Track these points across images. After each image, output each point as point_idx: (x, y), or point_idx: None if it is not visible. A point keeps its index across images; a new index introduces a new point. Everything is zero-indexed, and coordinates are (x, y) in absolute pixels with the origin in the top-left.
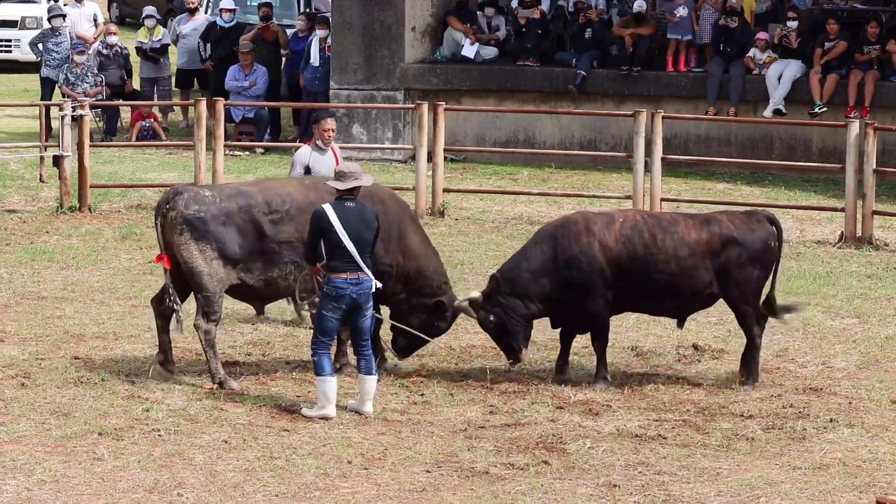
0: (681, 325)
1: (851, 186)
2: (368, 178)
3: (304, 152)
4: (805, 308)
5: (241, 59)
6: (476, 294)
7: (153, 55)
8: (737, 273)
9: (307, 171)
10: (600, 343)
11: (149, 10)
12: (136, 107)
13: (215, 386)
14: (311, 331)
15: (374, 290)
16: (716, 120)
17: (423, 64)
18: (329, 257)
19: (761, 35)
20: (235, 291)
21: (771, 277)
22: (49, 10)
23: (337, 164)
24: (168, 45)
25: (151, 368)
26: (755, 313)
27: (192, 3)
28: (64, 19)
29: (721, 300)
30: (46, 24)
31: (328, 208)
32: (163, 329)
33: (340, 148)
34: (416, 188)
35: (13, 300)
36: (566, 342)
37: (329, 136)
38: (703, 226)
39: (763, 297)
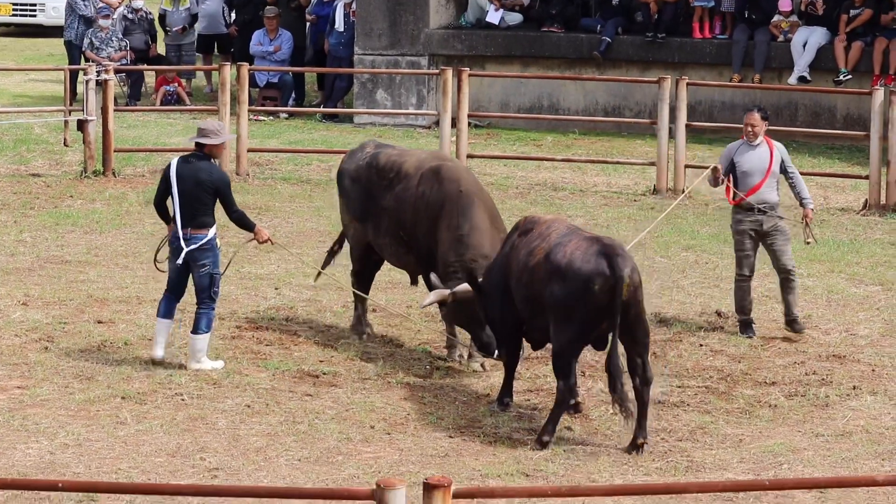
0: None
1: (876, 154)
2: (225, 136)
3: (733, 146)
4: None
5: (267, 23)
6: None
7: (174, 29)
8: (553, 311)
9: (731, 165)
10: (506, 364)
11: None
12: (160, 71)
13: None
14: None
15: (192, 248)
16: (740, 87)
17: (447, 30)
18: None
19: (784, 5)
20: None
21: (612, 330)
22: None
23: (770, 160)
24: (194, 14)
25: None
26: (564, 364)
27: None
28: None
29: None
30: None
31: (173, 162)
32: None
33: (366, 114)
34: None
35: (37, 264)
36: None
37: (749, 131)
38: (546, 250)
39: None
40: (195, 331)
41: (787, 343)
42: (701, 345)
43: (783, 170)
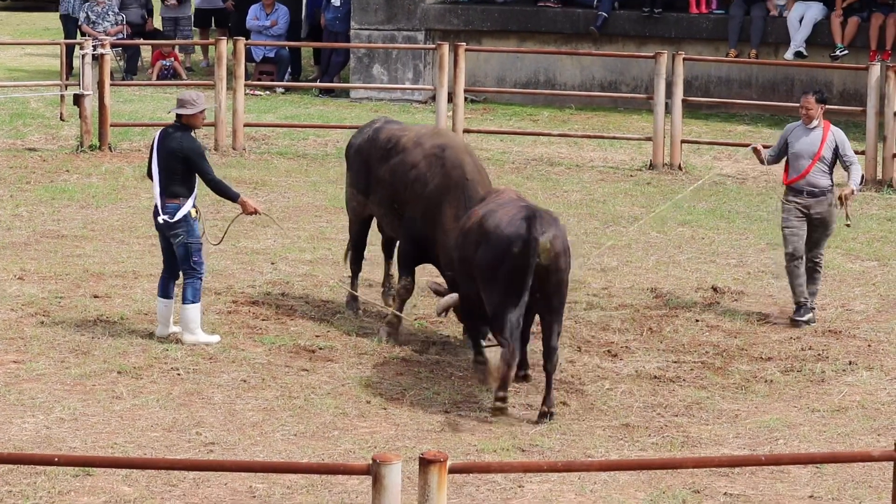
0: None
1: (872, 129)
2: (202, 106)
3: (791, 126)
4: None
5: None
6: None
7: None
8: (481, 276)
9: (785, 145)
10: (469, 329)
11: None
12: (156, 46)
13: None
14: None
15: (169, 220)
16: (737, 62)
17: (443, 4)
18: None
19: None
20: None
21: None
22: None
23: (821, 145)
24: None
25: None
26: (498, 327)
27: None
28: None
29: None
30: None
31: (157, 134)
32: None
33: (362, 88)
34: None
35: (33, 238)
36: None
37: (804, 114)
38: (478, 216)
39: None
40: (184, 301)
41: (784, 319)
42: (697, 320)
43: (839, 156)
